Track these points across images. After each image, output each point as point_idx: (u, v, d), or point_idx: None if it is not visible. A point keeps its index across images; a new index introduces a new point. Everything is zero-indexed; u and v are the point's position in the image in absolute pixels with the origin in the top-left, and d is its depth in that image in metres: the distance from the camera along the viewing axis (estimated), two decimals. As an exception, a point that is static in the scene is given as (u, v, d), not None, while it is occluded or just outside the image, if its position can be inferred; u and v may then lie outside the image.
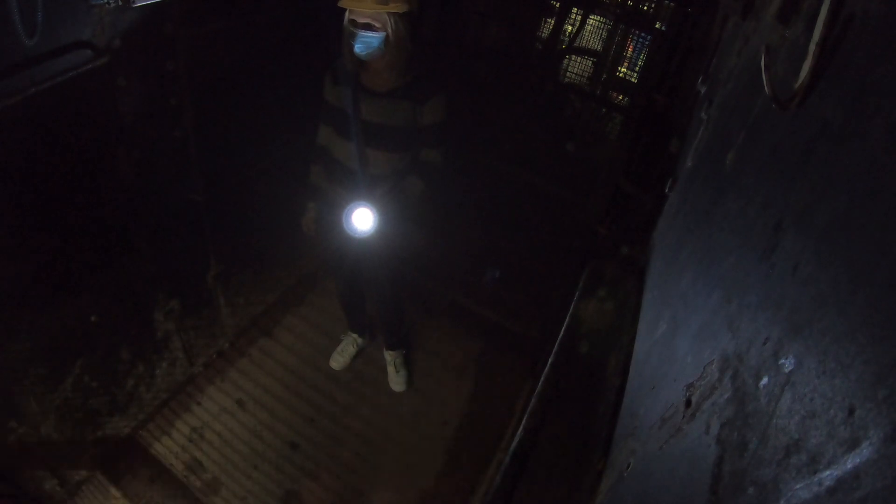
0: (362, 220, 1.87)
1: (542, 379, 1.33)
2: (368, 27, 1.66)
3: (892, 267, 0.43)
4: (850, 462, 0.39)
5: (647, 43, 4.64)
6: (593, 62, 4.85)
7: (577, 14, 4.44)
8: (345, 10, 1.70)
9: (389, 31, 1.67)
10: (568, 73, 4.76)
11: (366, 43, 1.68)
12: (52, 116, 1.46)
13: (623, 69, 5.29)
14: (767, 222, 0.72)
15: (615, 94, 5.08)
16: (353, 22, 1.68)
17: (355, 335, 2.70)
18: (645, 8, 4.41)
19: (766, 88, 0.76)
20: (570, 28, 4.56)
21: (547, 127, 4.18)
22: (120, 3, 1.32)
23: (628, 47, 5.21)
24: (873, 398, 0.40)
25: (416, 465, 2.34)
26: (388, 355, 2.63)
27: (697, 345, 0.87)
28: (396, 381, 2.62)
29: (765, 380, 0.58)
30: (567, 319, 1.52)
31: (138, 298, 2.05)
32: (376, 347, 2.74)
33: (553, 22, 4.07)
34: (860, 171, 0.52)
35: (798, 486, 0.45)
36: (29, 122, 1.41)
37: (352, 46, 1.71)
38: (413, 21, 1.73)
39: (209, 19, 1.86)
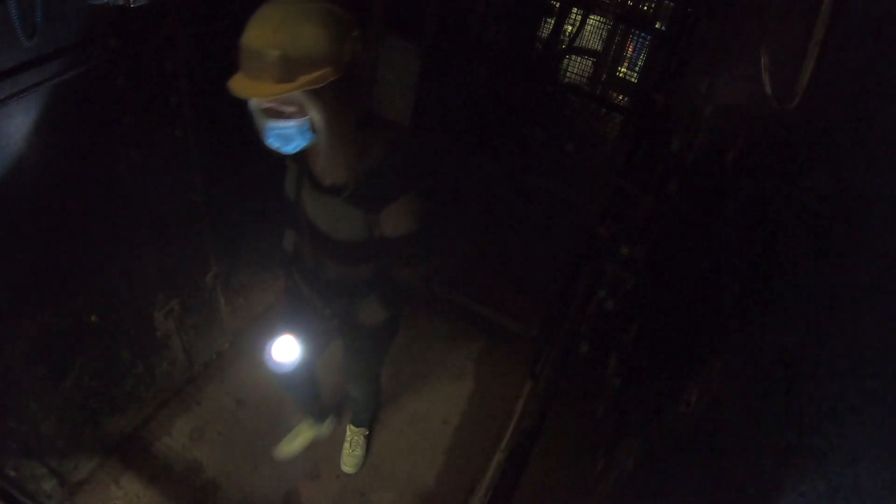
0: (284, 352, 1.54)
1: (542, 379, 1.33)
2: (276, 114, 1.12)
3: (891, 266, 0.43)
4: (850, 462, 0.39)
5: (647, 43, 4.64)
6: (593, 62, 4.86)
7: (577, 14, 4.44)
8: None
9: (312, 113, 1.10)
10: (568, 73, 4.77)
11: (280, 136, 1.13)
12: (51, 117, 1.46)
13: (623, 69, 5.30)
14: (768, 222, 0.72)
15: (615, 94, 5.09)
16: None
17: (312, 421, 2.31)
18: (645, 8, 4.43)
19: (766, 88, 0.76)
20: (570, 28, 4.56)
21: (547, 127, 4.19)
22: (120, 3, 1.32)
23: (628, 47, 5.22)
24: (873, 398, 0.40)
25: (416, 465, 2.34)
26: (349, 430, 2.31)
27: (697, 345, 0.87)
28: (348, 460, 2.28)
29: (764, 378, 0.58)
30: (567, 319, 1.52)
31: (138, 298, 2.05)
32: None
33: (553, 22, 4.07)
34: (860, 171, 0.52)
35: (798, 486, 0.45)
36: (28, 122, 1.41)
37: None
38: (353, 84, 1.14)
39: (209, 19, 1.86)
